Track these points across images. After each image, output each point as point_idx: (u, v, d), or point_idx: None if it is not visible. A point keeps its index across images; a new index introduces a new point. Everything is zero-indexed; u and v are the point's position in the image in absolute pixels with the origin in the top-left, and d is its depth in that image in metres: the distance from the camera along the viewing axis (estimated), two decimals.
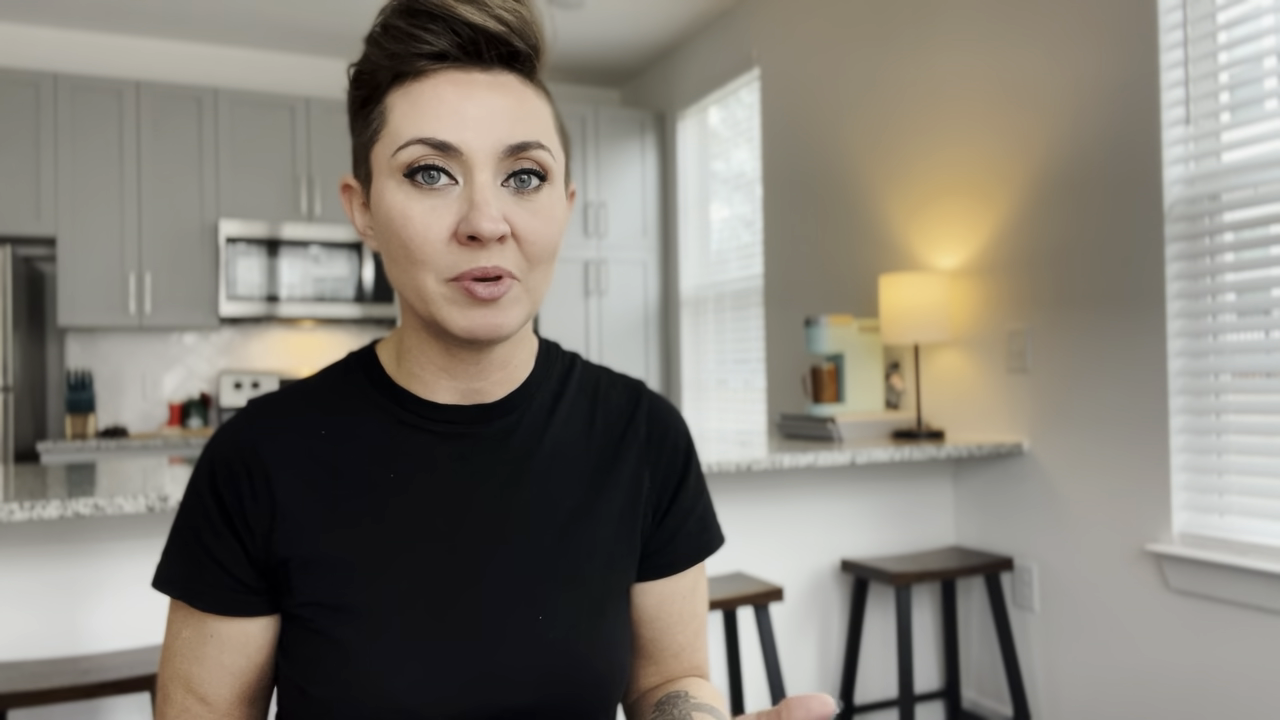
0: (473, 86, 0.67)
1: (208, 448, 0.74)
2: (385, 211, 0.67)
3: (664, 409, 0.84)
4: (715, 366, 4.39)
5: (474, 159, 0.66)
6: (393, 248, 0.67)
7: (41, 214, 3.82)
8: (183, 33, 4.29)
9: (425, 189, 0.66)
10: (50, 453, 3.69)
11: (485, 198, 0.65)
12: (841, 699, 2.59)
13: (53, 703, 1.52)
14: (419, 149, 0.65)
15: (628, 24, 4.34)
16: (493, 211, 0.65)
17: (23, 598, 1.82)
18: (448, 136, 0.65)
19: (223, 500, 0.71)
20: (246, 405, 0.76)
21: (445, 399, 0.75)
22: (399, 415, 0.75)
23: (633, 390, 0.83)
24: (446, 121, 0.66)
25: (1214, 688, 2.11)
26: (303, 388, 0.77)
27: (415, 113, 0.66)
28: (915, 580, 2.36)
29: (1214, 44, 2.17)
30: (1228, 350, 2.13)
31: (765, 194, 3.89)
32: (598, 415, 0.80)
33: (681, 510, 0.81)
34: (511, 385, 0.77)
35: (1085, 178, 2.42)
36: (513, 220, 0.67)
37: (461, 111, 0.66)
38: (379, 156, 0.68)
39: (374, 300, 4.22)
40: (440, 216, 0.65)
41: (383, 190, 0.68)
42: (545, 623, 0.71)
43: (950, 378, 2.87)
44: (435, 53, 0.67)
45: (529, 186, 0.68)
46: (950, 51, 2.88)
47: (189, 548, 0.72)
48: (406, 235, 0.66)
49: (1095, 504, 2.39)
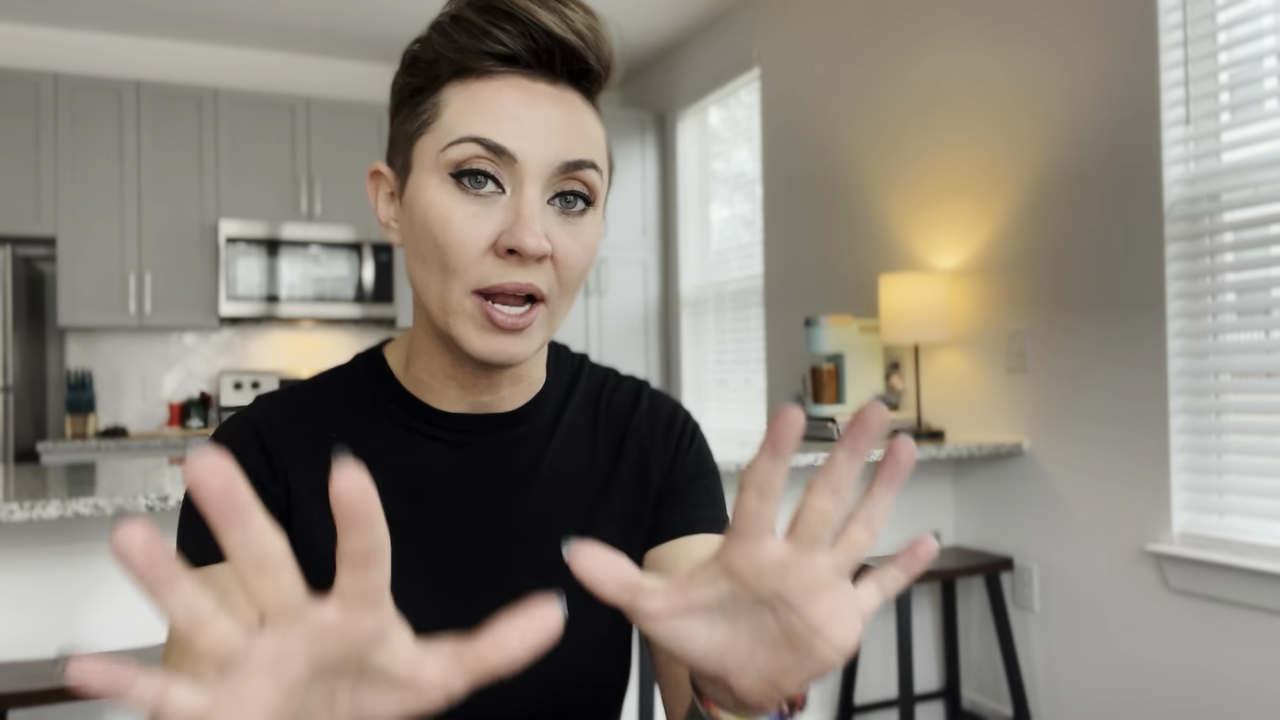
0: (536, 96, 0.65)
1: (222, 428, 0.71)
2: (423, 208, 0.64)
3: (663, 403, 0.82)
4: (715, 366, 4.39)
5: (526, 170, 0.63)
6: (424, 248, 0.64)
7: (41, 214, 3.82)
8: (183, 33, 4.29)
9: (470, 193, 0.63)
10: (50, 453, 3.69)
11: (533, 212, 0.62)
12: (841, 699, 2.59)
13: (53, 703, 1.52)
14: (472, 148, 0.63)
15: (628, 24, 4.34)
16: (538, 228, 0.62)
17: (23, 598, 1.82)
18: (504, 141, 0.63)
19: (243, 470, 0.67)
20: (255, 401, 0.74)
21: (453, 408, 0.73)
22: (406, 421, 0.73)
23: (635, 392, 0.82)
24: (505, 126, 0.63)
25: (1214, 688, 2.11)
26: (309, 388, 0.75)
27: (473, 110, 0.63)
28: (915, 580, 2.36)
29: (1214, 44, 2.17)
30: (1228, 350, 2.13)
31: (765, 194, 3.89)
32: (601, 421, 0.79)
33: (681, 480, 0.77)
34: (524, 398, 0.75)
35: (1085, 178, 2.42)
36: (554, 240, 0.64)
37: (522, 119, 0.63)
38: (425, 149, 0.65)
39: (374, 300, 4.22)
40: (482, 224, 0.63)
41: (423, 185, 0.64)
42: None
43: (950, 378, 2.87)
44: (506, 54, 0.64)
45: (574, 209, 0.65)
46: (950, 52, 2.88)
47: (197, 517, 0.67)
48: (444, 238, 0.63)
49: (1095, 504, 2.39)
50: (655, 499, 0.77)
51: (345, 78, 4.65)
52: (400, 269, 4.30)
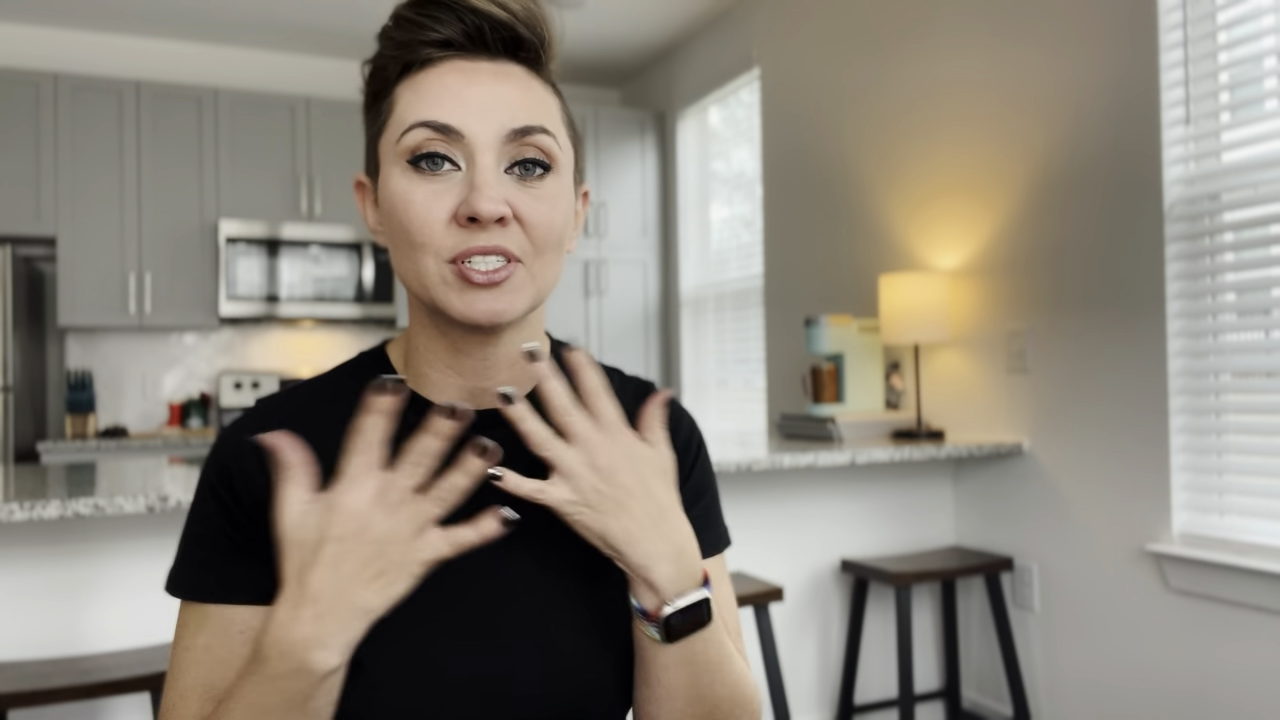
0: (477, 74, 0.68)
1: (217, 445, 0.73)
2: (389, 198, 0.68)
3: (672, 408, 0.82)
4: (715, 366, 4.39)
5: (476, 143, 0.66)
6: (395, 234, 0.68)
7: (41, 214, 3.82)
8: (183, 33, 4.29)
9: (428, 174, 0.66)
10: (50, 453, 3.69)
11: (486, 179, 0.65)
12: (841, 699, 2.59)
13: (53, 703, 1.52)
14: (421, 132, 0.66)
15: (628, 24, 4.34)
16: (492, 193, 0.65)
17: (23, 598, 1.82)
18: (449, 119, 0.66)
19: (238, 493, 0.70)
20: (255, 404, 0.75)
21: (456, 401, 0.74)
22: (408, 418, 0.73)
23: (642, 393, 0.82)
24: (449, 105, 0.66)
25: (1214, 687, 2.11)
26: (311, 387, 0.76)
27: (419, 99, 0.67)
28: (915, 580, 2.36)
29: (1214, 44, 2.17)
30: (1228, 350, 2.13)
31: (765, 194, 3.89)
32: None
33: (686, 499, 0.78)
34: (523, 389, 0.75)
35: (1085, 178, 2.42)
36: (515, 204, 0.67)
37: (464, 96, 0.66)
38: (385, 146, 0.69)
39: (374, 300, 4.22)
40: (441, 200, 0.66)
41: (387, 178, 0.68)
42: (555, 631, 0.70)
43: (950, 378, 2.87)
44: (441, 40, 0.68)
45: (533, 174, 0.68)
46: (950, 52, 2.88)
47: (211, 544, 0.70)
48: (408, 218, 0.66)
49: (1095, 504, 2.39)
50: None
51: (345, 78, 4.64)
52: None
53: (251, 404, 0.77)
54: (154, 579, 1.91)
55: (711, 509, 0.82)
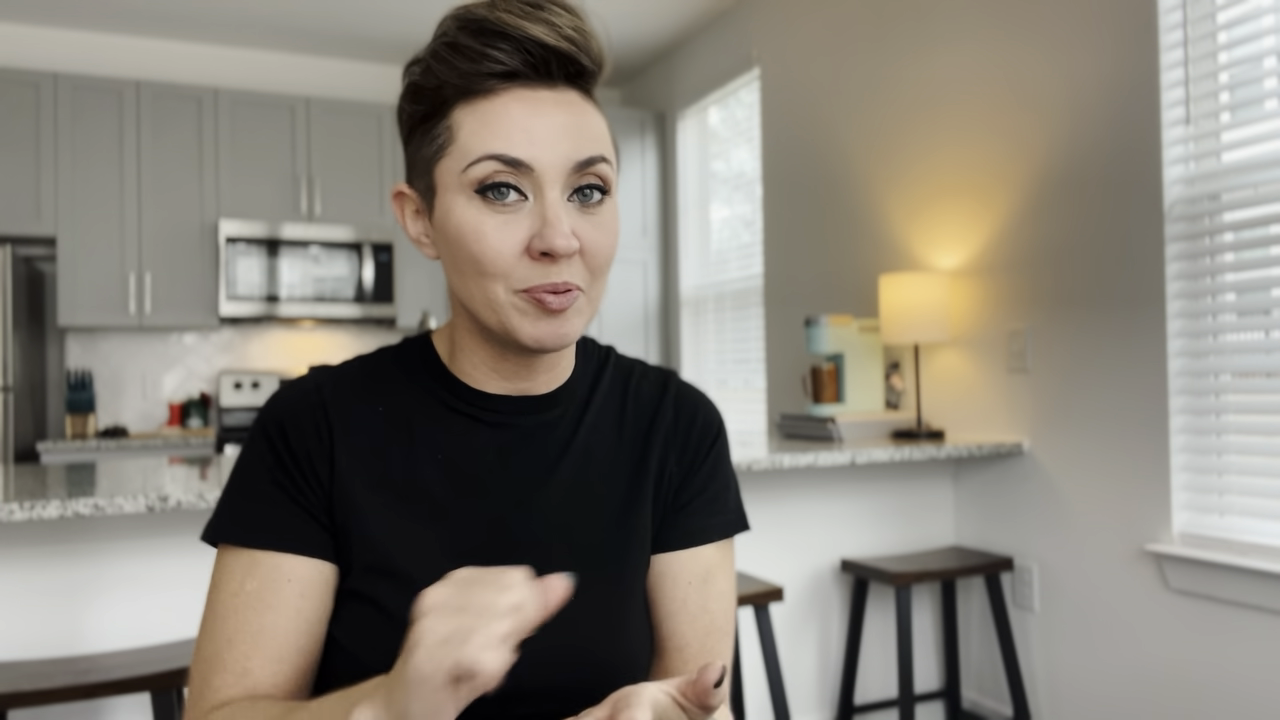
0: (540, 104, 0.69)
1: (272, 401, 0.76)
2: (456, 226, 0.69)
3: (692, 394, 0.86)
4: (715, 366, 4.39)
5: (545, 175, 0.68)
6: (461, 261, 0.70)
7: (41, 214, 3.82)
8: (183, 33, 4.29)
9: (496, 205, 0.68)
10: (50, 453, 3.69)
11: (558, 214, 0.68)
12: (841, 699, 2.59)
13: (53, 703, 1.52)
14: (491, 165, 0.67)
15: (628, 24, 4.34)
16: (564, 228, 0.67)
17: (23, 598, 1.82)
18: (519, 154, 0.67)
19: (291, 447, 0.73)
20: (310, 371, 0.79)
21: (493, 390, 0.78)
22: (450, 401, 0.78)
23: (662, 380, 0.85)
24: (517, 139, 0.68)
25: (1214, 687, 2.11)
26: (363, 363, 0.80)
27: (485, 130, 0.68)
28: (915, 580, 2.36)
29: (1214, 44, 2.17)
30: (1228, 350, 2.13)
31: (765, 194, 3.89)
32: (628, 408, 0.83)
33: (693, 488, 0.81)
34: (556, 382, 0.80)
35: (1085, 178, 2.42)
36: (580, 235, 0.69)
37: (531, 129, 0.68)
38: (445, 171, 0.70)
39: (374, 300, 4.22)
40: (513, 232, 0.68)
41: (451, 205, 0.70)
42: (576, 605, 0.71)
43: (950, 378, 2.87)
44: (506, 72, 0.69)
45: (592, 200, 0.71)
46: (950, 51, 2.88)
47: (260, 491, 0.73)
48: (479, 250, 0.68)
49: (1095, 504, 2.39)
50: (672, 496, 0.81)
51: (345, 78, 4.65)
52: (400, 270, 4.30)
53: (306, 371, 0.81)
54: (154, 579, 1.91)
55: (719, 496, 0.83)
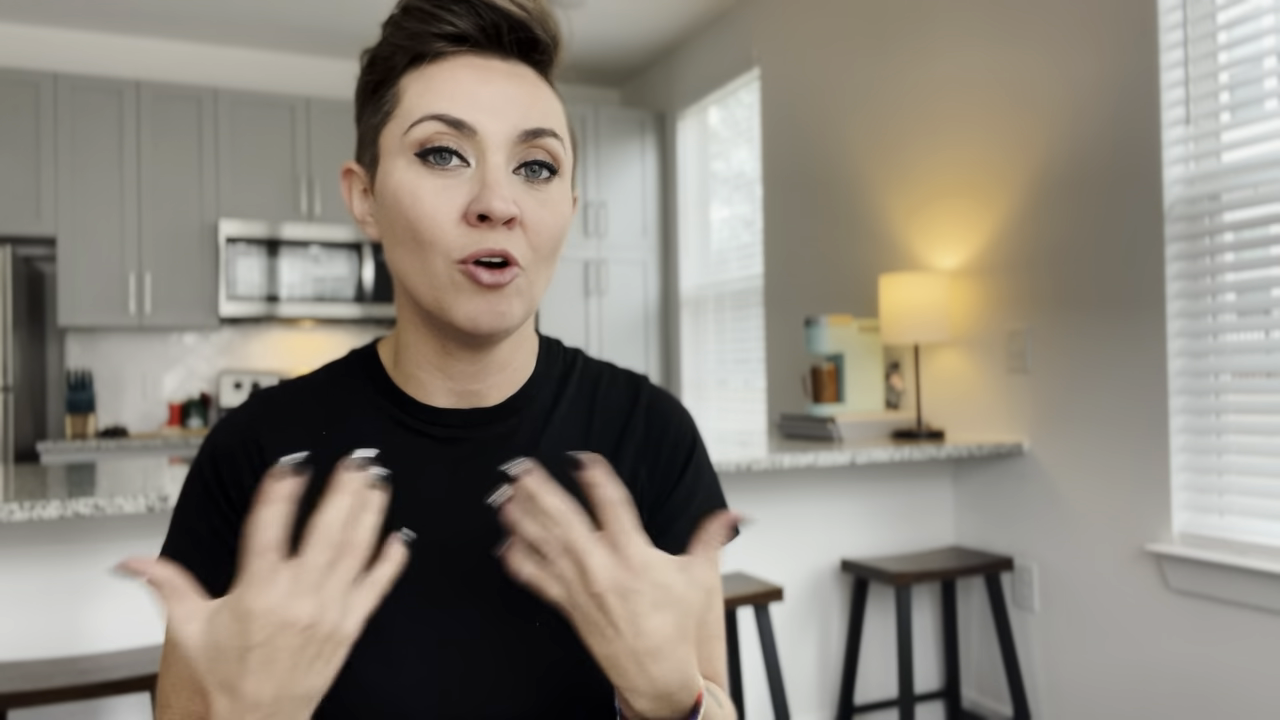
0: (490, 72, 0.67)
1: (210, 435, 0.74)
2: (393, 190, 0.66)
3: (664, 404, 0.80)
4: (715, 366, 4.39)
5: (488, 141, 0.65)
6: (398, 229, 0.66)
7: (41, 214, 3.82)
8: (183, 33, 4.29)
9: (436, 169, 0.65)
10: (50, 453, 3.69)
11: (498, 178, 0.64)
12: (841, 699, 2.59)
13: (53, 703, 1.52)
14: (433, 125, 0.65)
15: (628, 24, 4.34)
16: (504, 192, 0.64)
17: (23, 598, 1.82)
18: (462, 114, 0.65)
19: (224, 484, 0.71)
20: (250, 397, 0.76)
21: (442, 402, 0.73)
22: (397, 417, 0.73)
23: (632, 387, 0.80)
24: (463, 101, 0.65)
25: (1214, 687, 2.11)
26: (306, 383, 0.77)
27: (430, 91, 0.66)
28: (915, 580, 2.36)
29: (1214, 44, 2.17)
30: (1228, 350, 2.13)
31: (765, 194, 3.89)
32: (595, 417, 0.77)
33: (676, 504, 0.77)
34: (511, 388, 0.75)
35: (1085, 178, 2.42)
36: (522, 207, 0.66)
37: (477, 94, 0.66)
38: (389, 136, 0.67)
39: (374, 300, 4.23)
40: (451, 196, 0.64)
41: (391, 169, 0.66)
42: (542, 629, 0.70)
43: (950, 378, 2.87)
44: (456, 34, 0.67)
45: (539, 177, 0.67)
46: (950, 52, 2.88)
47: (195, 533, 0.71)
48: (416, 214, 0.64)
49: (1095, 504, 2.39)
50: (647, 513, 0.76)
51: (345, 78, 4.64)
52: None
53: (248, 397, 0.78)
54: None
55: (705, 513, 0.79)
